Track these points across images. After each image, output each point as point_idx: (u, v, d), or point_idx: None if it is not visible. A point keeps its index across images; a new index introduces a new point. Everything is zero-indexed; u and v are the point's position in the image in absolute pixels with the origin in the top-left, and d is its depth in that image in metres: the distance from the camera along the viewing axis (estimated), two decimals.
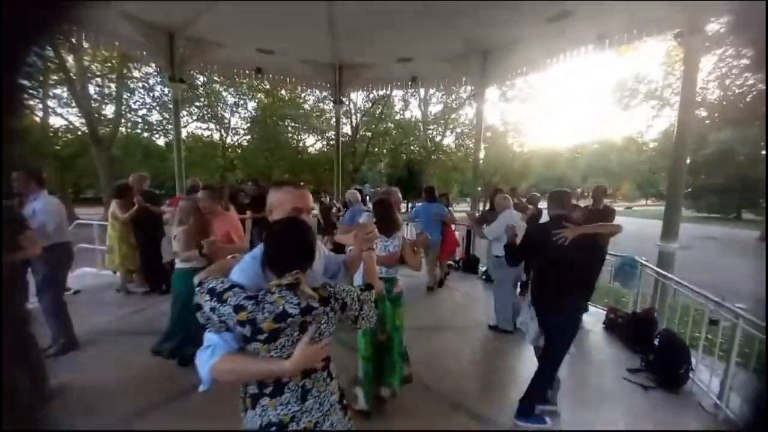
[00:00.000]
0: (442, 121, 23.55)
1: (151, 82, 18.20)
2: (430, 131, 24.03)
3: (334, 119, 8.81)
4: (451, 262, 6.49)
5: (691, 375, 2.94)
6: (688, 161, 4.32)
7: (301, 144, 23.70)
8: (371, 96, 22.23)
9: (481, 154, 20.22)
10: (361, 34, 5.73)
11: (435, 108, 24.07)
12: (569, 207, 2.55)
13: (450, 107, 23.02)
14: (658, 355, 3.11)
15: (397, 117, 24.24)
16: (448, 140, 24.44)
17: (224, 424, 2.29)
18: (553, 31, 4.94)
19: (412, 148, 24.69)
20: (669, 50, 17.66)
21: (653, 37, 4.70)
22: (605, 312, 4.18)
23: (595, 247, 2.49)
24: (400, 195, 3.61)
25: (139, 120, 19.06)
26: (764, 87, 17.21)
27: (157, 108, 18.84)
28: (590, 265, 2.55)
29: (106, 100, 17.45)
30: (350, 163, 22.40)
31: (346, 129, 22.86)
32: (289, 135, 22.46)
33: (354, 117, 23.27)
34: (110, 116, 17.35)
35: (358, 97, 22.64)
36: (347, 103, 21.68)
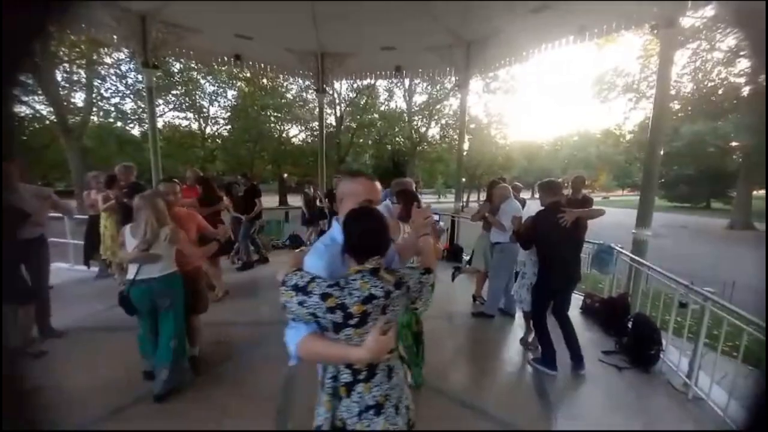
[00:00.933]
0: (426, 112, 23.54)
1: (123, 68, 17.36)
2: (415, 122, 23.99)
3: (317, 109, 8.65)
4: None
5: (661, 355, 3.09)
6: (661, 152, 4.46)
7: (284, 134, 23.23)
8: (355, 86, 21.98)
9: (465, 146, 20.35)
10: (344, 22, 5.62)
11: (420, 99, 24.04)
12: (561, 194, 3.04)
13: (435, 98, 23.01)
14: (631, 338, 3.25)
15: (382, 108, 24.06)
16: (433, 131, 24.52)
17: (204, 423, 2.30)
18: (535, 22, 4.97)
19: (397, 139, 24.61)
20: (645, 44, 18.14)
21: (632, 30, 4.80)
22: (582, 297, 4.32)
23: (583, 228, 3.01)
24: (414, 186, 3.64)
25: (112, 108, 18.18)
26: (741, 82, 17.97)
27: (131, 96, 18.02)
28: (580, 243, 3.10)
29: (75, 88, 16.57)
30: (335, 155, 22.16)
31: (331, 120, 22.56)
32: (272, 125, 21.95)
33: (338, 107, 22.96)
34: (80, 104, 16.49)
35: (342, 87, 22.35)
36: (331, 92, 21.35)
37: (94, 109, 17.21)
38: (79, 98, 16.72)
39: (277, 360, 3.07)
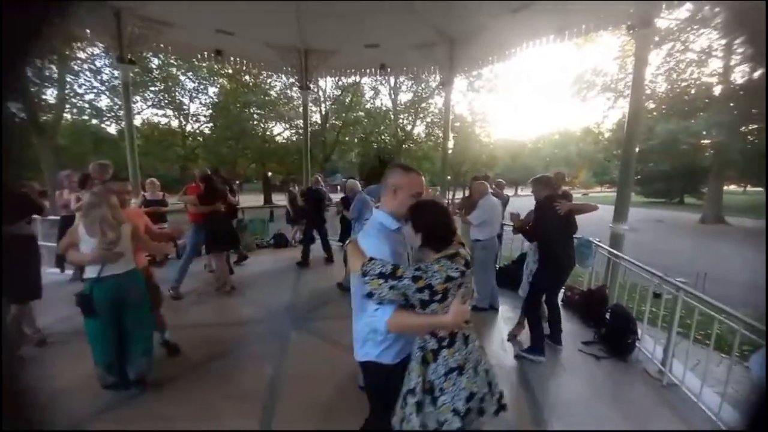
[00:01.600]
0: (412, 110, 23.57)
1: (98, 63, 16.72)
2: (400, 120, 24.01)
3: (301, 107, 8.54)
4: None
5: (637, 344, 3.20)
6: (637, 150, 4.61)
7: (268, 132, 22.85)
8: (340, 83, 21.83)
9: (450, 144, 20.44)
10: (327, 18, 5.57)
11: (405, 96, 24.05)
12: (553, 187, 3.27)
13: (420, 96, 23.07)
14: (609, 328, 3.36)
15: (368, 105, 23.97)
16: (419, 129, 24.59)
17: (189, 424, 2.26)
18: (516, 21, 5.05)
19: (382, 137, 24.57)
20: (623, 45, 18.68)
21: (609, 30, 4.93)
22: (563, 290, 4.43)
23: (573, 222, 3.25)
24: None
25: (87, 105, 17.48)
26: (711, 81, 18.69)
27: (107, 92, 17.38)
28: (571, 235, 3.33)
29: (46, 84, 15.84)
30: (320, 153, 21.97)
31: (316, 117, 22.33)
32: (255, 123, 21.56)
33: (323, 105, 22.76)
34: (52, 101, 15.80)
35: (326, 85, 22.16)
36: (316, 90, 21.13)
37: (67, 106, 16.52)
38: (50, 95, 16.00)
39: (261, 359, 3.05)
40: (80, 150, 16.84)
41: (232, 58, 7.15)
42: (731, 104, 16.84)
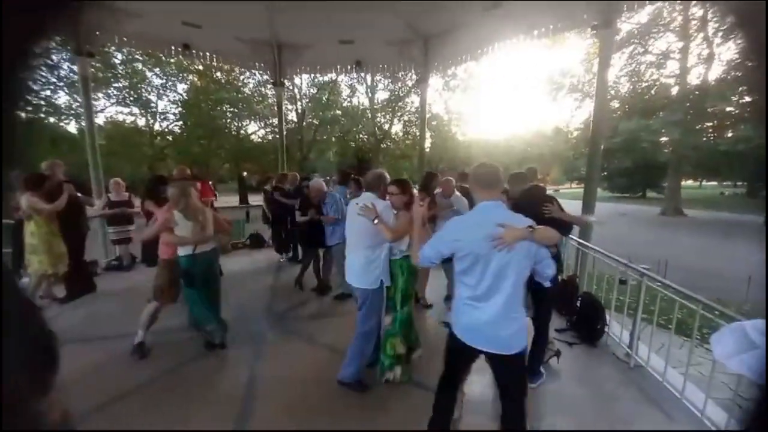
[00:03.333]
0: (389, 109, 23.60)
1: (55, 58, 15.67)
2: (378, 119, 23.99)
3: (276, 104, 8.36)
4: None
5: (606, 330, 3.36)
6: (602, 147, 4.83)
7: (242, 131, 22.20)
8: (316, 81, 21.55)
9: (428, 143, 20.60)
10: (299, 11, 5.45)
11: (382, 95, 24.05)
12: (532, 179, 3.40)
13: (397, 95, 23.14)
14: (580, 316, 3.51)
15: (345, 104, 23.80)
16: (396, 128, 24.67)
17: (163, 426, 2.18)
18: (488, 20, 5.16)
19: (360, 136, 24.47)
20: (588, 47, 19.54)
21: (575, 30, 5.12)
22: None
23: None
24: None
25: (43, 103, 16.35)
26: (669, 82, 19.80)
27: (65, 89, 16.34)
28: None
29: None
30: (297, 152, 21.61)
31: (292, 116, 21.95)
32: (228, 121, 20.89)
33: (299, 103, 22.39)
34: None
35: (302, 82, 21.81)
36: (291, 88, 20.76)
37: (21, 102, 15.37)
38: None
39: (240, 360, 2.97)
40: (35, 150, 15.73)
41: (201, 53, 6.89)
42: (687, 104, 17.94)
